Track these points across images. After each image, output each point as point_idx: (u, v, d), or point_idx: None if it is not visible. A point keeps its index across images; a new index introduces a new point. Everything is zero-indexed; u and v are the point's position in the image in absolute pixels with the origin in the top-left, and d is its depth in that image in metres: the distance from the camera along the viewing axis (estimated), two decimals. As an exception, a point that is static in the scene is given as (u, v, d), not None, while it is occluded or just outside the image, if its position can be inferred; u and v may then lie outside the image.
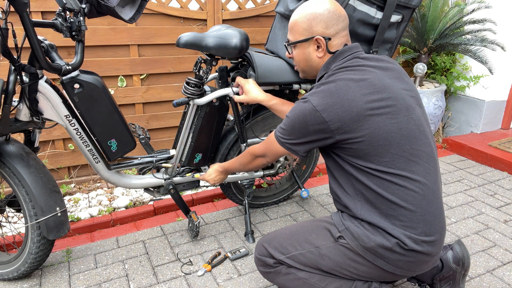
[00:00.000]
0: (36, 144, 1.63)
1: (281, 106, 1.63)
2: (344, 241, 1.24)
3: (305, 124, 1.19)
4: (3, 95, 1.38)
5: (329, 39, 1.26)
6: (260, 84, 1.73)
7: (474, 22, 2.93)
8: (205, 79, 1.70)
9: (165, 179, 1.81)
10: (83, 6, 1.41)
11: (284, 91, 1.95)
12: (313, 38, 1.27)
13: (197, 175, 1.85)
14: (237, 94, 1.73)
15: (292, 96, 2.01)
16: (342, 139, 1.17)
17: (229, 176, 1.95)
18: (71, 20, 1.40)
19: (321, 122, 1.16)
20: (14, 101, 1.46)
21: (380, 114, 1.15)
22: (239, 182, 2.05)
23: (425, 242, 1.17)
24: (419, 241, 1.17)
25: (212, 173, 1.72)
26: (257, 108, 1.92)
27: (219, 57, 1.69)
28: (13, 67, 1.37)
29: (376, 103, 1.15)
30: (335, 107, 1.14)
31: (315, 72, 1.36)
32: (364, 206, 1.21)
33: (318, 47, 1.28)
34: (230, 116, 1.98)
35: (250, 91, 1.64)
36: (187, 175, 1.86)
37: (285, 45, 1.37)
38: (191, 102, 1.70)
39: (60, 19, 1.40)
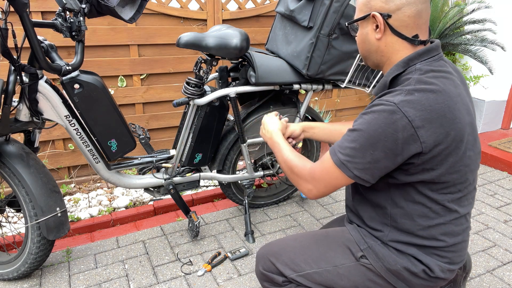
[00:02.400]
0: (36, 144, 1.63)
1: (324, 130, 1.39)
2: (366, 261, 1.11)
3: (394, 140, 0.93)
4: (3, 95, 1.38)
5: (389, 16, 1.00)
6: (260, 84, 1.73)
7: (474, 22, 2.93)
8: (205, 79, 1.70)
9: (165, 179, 1.81)
10: (83, 6, 1.41)
11: (284, 91, 1.95)
12: (370, 14, 1.03)
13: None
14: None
15: (292, 96, 2.01)
16: (423, 163, 0.96)
17: (229, 176, 1.95)
18: (71, 20, 1.40)
19: (414, 141, 0.92)
20: (14, 101, 1.46)
21: (466, 142, 0.98)
22: (239, 182, 2.05)
23: (450, 270, 1.12)
24: (445, 270, 1.10)
25: (271, 131, 1.34)
26: (257, 109, 1.92)
27: (220, 57, 1.69)
28: (13, 67, 1.37)
29: (468, 128, 0.98)
30: (434, 125, 0.92)
31: (374, 59, 1.10)
32: (392, 233, 1.10)
33: (376, 26, 1.03)
34: (230, 116, 1.98)
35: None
36: (187, 175, 1.86)
37: (346, 25, 1.18)
38: (191, 102, 1.70)
39: (60, 19, 1.40)
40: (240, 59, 1.81)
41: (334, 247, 1.16)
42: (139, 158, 1.79)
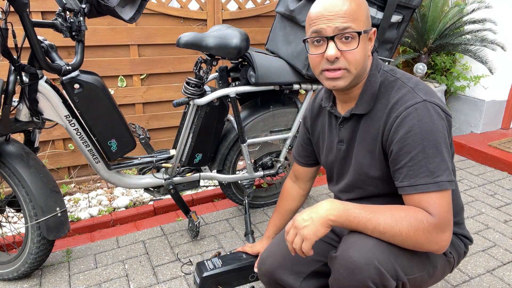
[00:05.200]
0: (36, 144, 1.63)
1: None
2: (451, 255, 1.11)
3: (445, 127, 0.97)
4: (3, 95, 1.38)
5: None
6: (260, 84, 1.73)
7: (474, 22, 2.93)
8: (205, 79, 1.70)
9: (165, 179, 1.81)
10: (83, 6, 1.41)
11: (284, 91, 1.95)
12: (372, 30, 1.02)
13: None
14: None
15: (292, 96, 2.01)
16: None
17: (229, 176, 1.94)
18: (71, 20, 1.40)
19: (450, 121, 1.02)
20: (14, 101, 1.46)
21: None
22: (239, 182, 2.05)
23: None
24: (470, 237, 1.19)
25: (312, 224, 0.97)
26: (257, 109, 1.92)
27: (220, 57, 1.69)
28: (13, 67, 1.37)
29: None
30: (443, 103, 1.09)
31: (361, 75, 1.04)
32: None
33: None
34: (230, 116, 1.98)
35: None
36: (187, 175, 1.86)
37: (359, 32, 0.97)
38: (191, 102, 1.70)
39: (60, 19, 1.40)
40: (240, 59, 1.81)
41: None
42: (139, 158, 1.79)
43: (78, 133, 1.57)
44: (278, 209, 1.48)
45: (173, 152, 1.83)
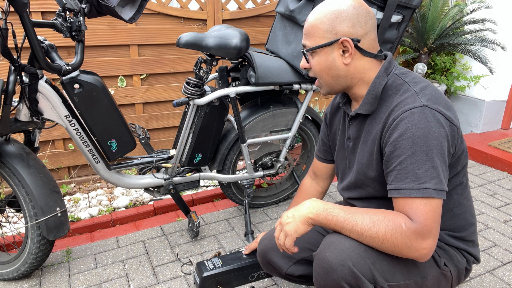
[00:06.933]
0: (36, 144, 1.63)
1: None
2: (447, 268, 1.08)
3: (446, 134, 0.95)
4: (3, 95, 1.38)
5: (358, 41, 1.01)
6: (260, 84, 1.73)
7: (474, 22, 2.93)
8: (205, 79, 1.70)
9: (165, 179, 1.81)
10: (83, 6, 1.41)
11: (284, 91, 1.95)
12: (338, 40, 1.01)
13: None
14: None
15: (292, 96, 2.01)
16: (455, 150, 1.01)
17: (228, 176, 1.95)
18: (71, 20, 1.40)
19: (452, 128, 0.97)
20: (14, 101, 1.46)
21: None
22: (239, 182, 2.05)
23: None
24: (479, 253, 1.15)
25: (293, 221, 1.02)
26: (257, 109, 1.92)
27: (220, 57, 1.69)
28: (13, 67, 1.37)
29: None
30: (452, 112, 0.99)
31: (343, 83, 1.08)
32: (443, 236, 1.12)
33: (344, 51, 1.03)
34: (230, 116, 1.98)
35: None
36: (187, 175, 1.86)
37: (303, 52, 1.09)
38: (191, 102, 1.70)
39: (60, 19, 1.41)
40: (240, 59, 1.81)
41: None
42: (139, 158, 1.79)
43: (78, 133, 1.57)
44: (293, 204, 1.48)
45: (173, 152, 1.83)
